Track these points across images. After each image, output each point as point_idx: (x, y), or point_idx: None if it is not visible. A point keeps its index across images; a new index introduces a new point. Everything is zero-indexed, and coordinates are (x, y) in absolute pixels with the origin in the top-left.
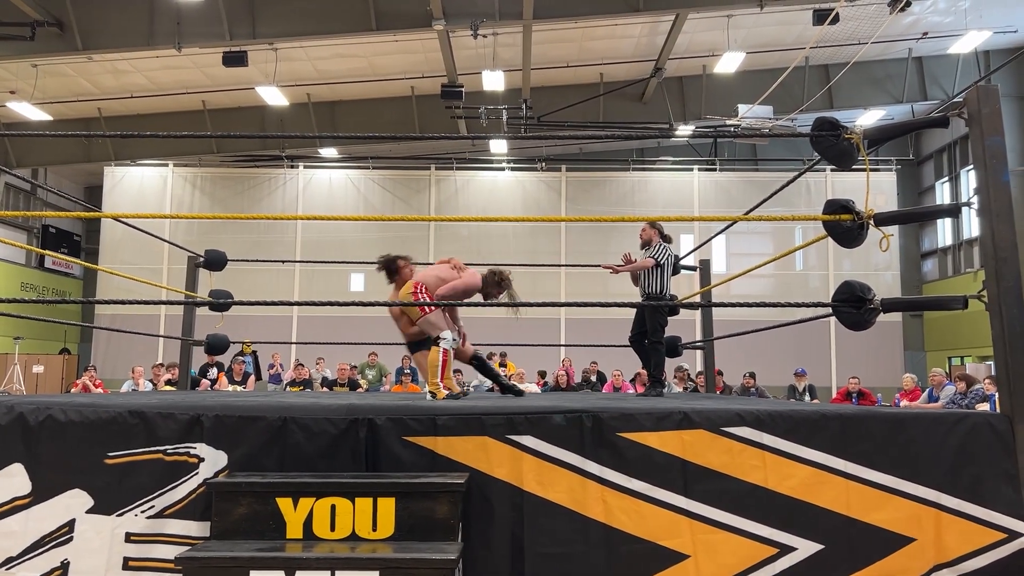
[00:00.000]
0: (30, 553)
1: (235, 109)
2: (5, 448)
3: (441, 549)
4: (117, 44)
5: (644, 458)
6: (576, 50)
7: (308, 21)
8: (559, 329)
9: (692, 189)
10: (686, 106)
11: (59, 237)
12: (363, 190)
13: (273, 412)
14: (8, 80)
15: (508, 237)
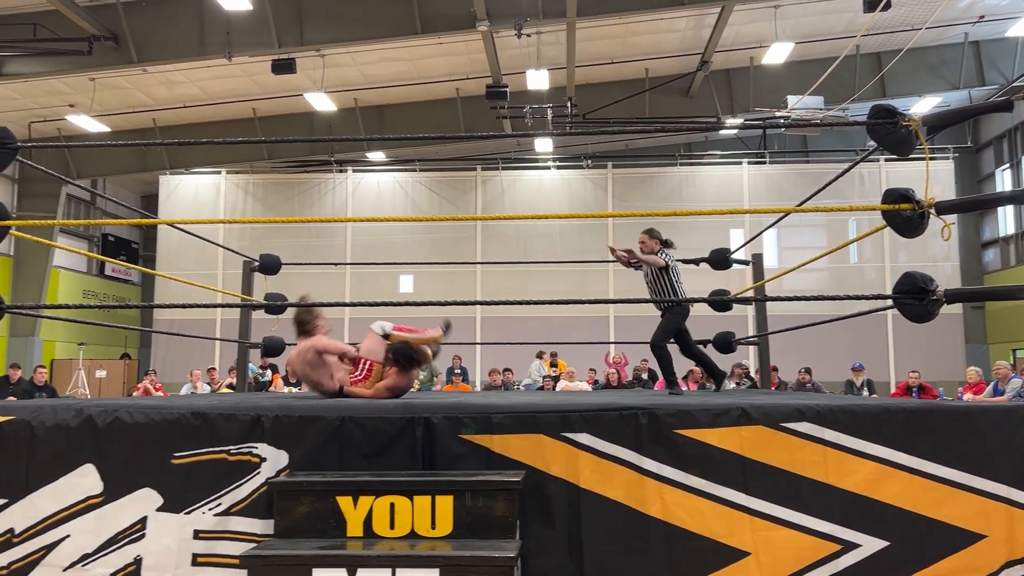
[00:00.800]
0: (104, 550)
1: (285, 116)
2: (76, 449)
3: (500, 547)
4: (170, 56)
5: (702, 455)
6: (620, 46)
7: (354, 26)
8: (608, 327)
9: (741, 183)
10: (734, 99)
11: (118, 245)
12: (410, 192)
13: (331, 412)
14: (67, 94)
15: (554, 236)
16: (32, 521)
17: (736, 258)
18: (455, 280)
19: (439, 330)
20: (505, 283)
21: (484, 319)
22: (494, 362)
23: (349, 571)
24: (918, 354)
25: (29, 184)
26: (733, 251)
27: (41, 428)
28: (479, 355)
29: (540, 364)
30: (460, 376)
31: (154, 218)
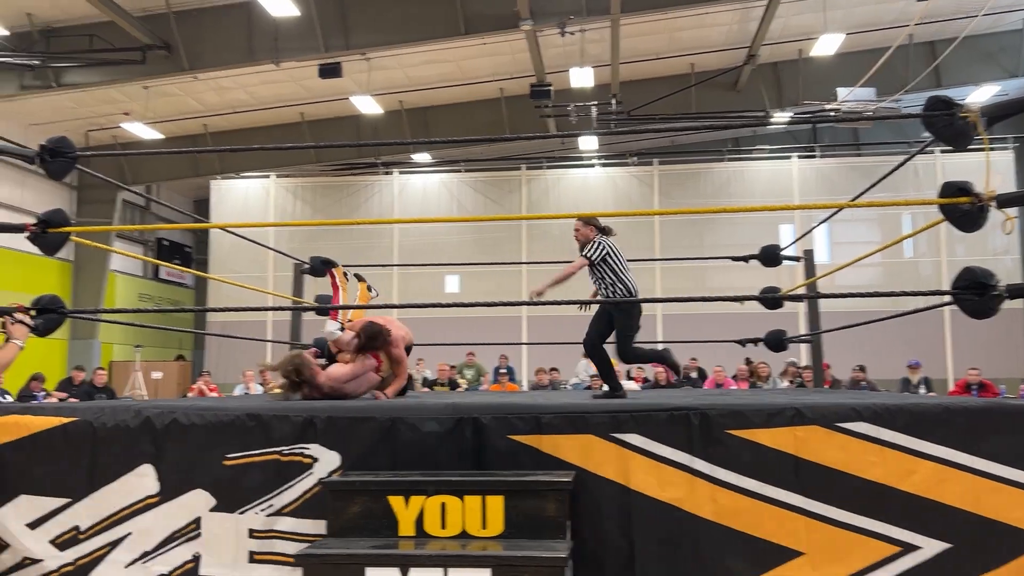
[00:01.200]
0: (164, 547)
1: (331, 119)
2: (136, 450)
3: (551, 547)
4: (220, 62)
5: (755, 456)
6: (665, 41)
7: (398, 29)
8: (656, 325)
9: (791, 177)
10: (782, 92)
11: (172, 249)
12: (456, 193)
13: (382, 413)
14: (122, 102)
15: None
16: (95, 519)
17: (787, 254)
18: (501, 279)
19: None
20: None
21: (530, 318)
22: (540, 361)
23: (402, 570)
24: (977, 350)
25: (87, 191)
26: (784, 247)
27: (103, 429)
28: (525, 355)
29: (587, 363)
30: (507, 375)
31: (206, 222)
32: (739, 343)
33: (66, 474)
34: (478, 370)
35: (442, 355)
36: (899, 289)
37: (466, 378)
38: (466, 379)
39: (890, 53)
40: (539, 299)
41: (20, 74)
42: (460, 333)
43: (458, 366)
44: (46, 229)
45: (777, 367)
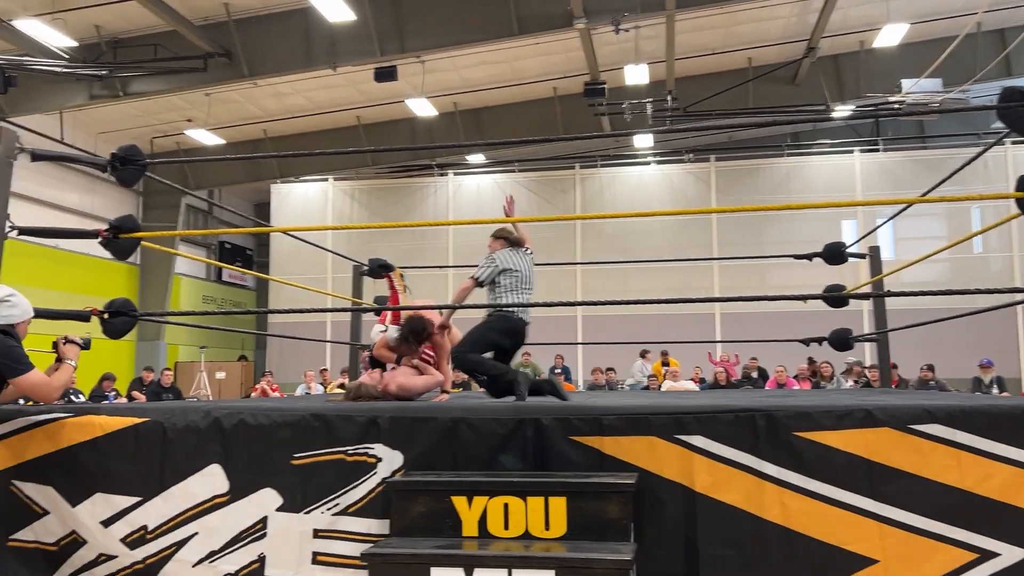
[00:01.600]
0: (230, 547)
1: (387, 122)
2: (205, 450)
3: (616, 549)
4: (279, 69)
5: (824, 458)
6: (722, 36)
7: (452, 31)
8: (714, 325)
9: (853, 172)
10: (843, 85)
11: (234, 252)
12: (509, 193)
13: (444, 413)
14: (185, 109)
15: (656, 232)
16: (164, 518)
17: (851, 252)
18: (556, 279)
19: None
20: (606, 281)
21: (585, 318)
22: (596, 361)
23: (466, 571)
24: None
25: (152, 196)
26: (849, 245)
27: (173, 430)
28: (580, 354)
29: (643, 364)
30: (562, 375)
31: (267, 226)
32: (803, 342)
33: (137, 473)
34: (534, 370)
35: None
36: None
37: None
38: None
39: (957, 42)
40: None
41: (89, 84)
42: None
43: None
44: (118, 235)
45: (839, 366)
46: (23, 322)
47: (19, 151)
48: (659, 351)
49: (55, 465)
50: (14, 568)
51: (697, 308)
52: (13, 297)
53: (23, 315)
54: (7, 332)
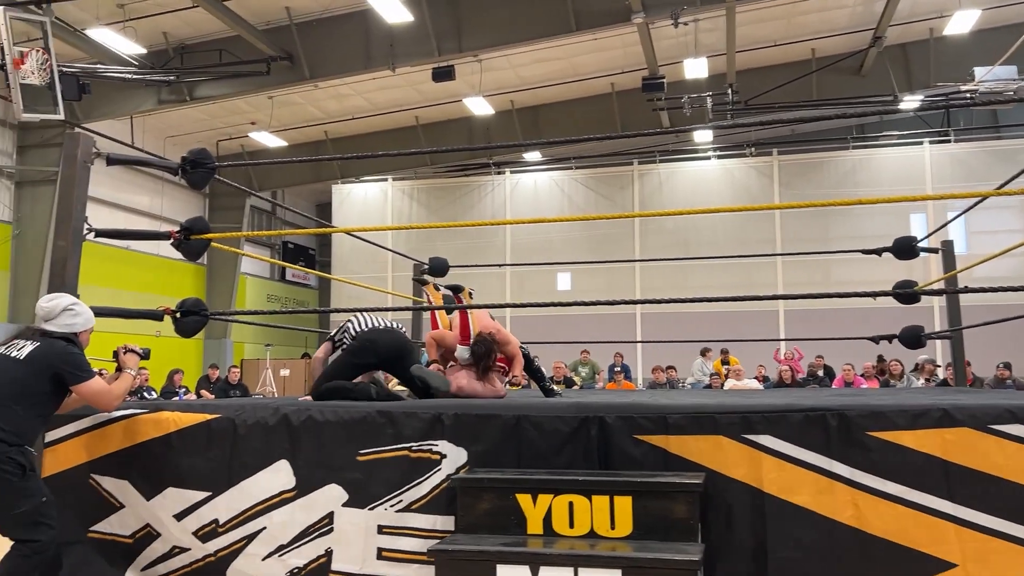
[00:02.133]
0: (298, 542)
1: (445, 122)
2: (273, 446)
3: (683, 550)
4: (339, 71)
5: (899, 459)
6: (784, 27)
7: (509, 29)
8: (778, 321)
9: (923, 164)
10: (912, 75)
11: (297, 252)
12: (567, 190)
13: (507, 411)
14: (249, 112)
15: (717, 228)
16: (234, 513)
17: (923, 246)
18: (614, 276)
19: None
20: (666, 278)
21: (644, 315)
22: (655, 359)
23: (532, 568)
24: None
25: (218, 198)
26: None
27: (243, 426)
28: (640, 352)
29: (703, 362)
30: (622, 373)
31: (329, 226)
32: (873, 340)
33: (208, 468)
34: (593, 368)
35: (556, 353)
36: None
37: (581, 376)
38: (580, 377)
39: None
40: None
41: (158, 90)
42: (573, 331)
43: (572, 364)
44: (189, 236)
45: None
46: (86, 331)
47: (96, 156)
48: (719, 349)
49: (131, 459)
50: (93, 558)
51: (760, 305)
52: (77, 306)
53: (85, 324)
54: (70, 340)
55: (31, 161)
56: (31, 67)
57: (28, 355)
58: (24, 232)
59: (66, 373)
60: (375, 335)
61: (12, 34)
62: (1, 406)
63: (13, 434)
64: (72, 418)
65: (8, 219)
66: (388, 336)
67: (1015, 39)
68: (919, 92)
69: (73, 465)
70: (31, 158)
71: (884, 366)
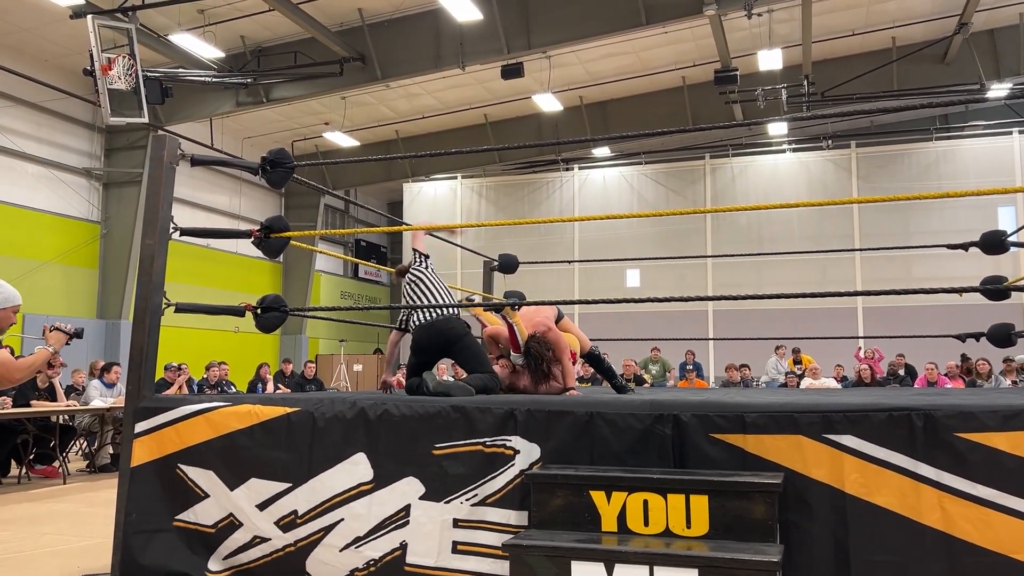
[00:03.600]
0: (374, 534)
1: (513, 119)
2: (351, 439)
3: (761, 551)
4: (410, 71)
5: (990, 461)
6: (863, 16)
7: (579, 25)
8: (856, 319)
9: (1012, 155)
10: (1000, 62)
11: (369, 249)
12: (636, 186)
13: (580, 408)
14: (323, 113)
15: (792, 222)
16: (313, 504)
17: (1013, 240)
18: (684, 272)
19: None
20: (739, 274)
21: (716, 312)
22: (728, 357)
23: (607, 566)
24: None
25: (293, 197)
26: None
27: (322, 419)
28: (712, 350)
29: (777, 360)
30: (694, 371)
31: (401, 223)
32: (959, 338)
33: (288, 460)
34: (664, 366)
35: (626, 351)
36: None
37: (651, 374)
38: (651, 375)
39: None
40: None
41: (236, 92)
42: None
43: (642, 361)
44: (269, 234)
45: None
46: (3, 309)
47: (181, 157)
48: (790, 348)
49: (215, 451)
50: (177, 546)
51: (837, 302)
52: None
53: (4, 303)
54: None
55: (118, 163)
56: (118, 72)
57: None
58: (111, 232)
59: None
60: (419, 332)
61: (100, 41)
62: None
63: None
64: (160, 410)
65: (97, 219)
66: (429, 331)
67: None
68: (1008, 80)
69: (162, 455)
70: (118, 160)
71: (970, 365)
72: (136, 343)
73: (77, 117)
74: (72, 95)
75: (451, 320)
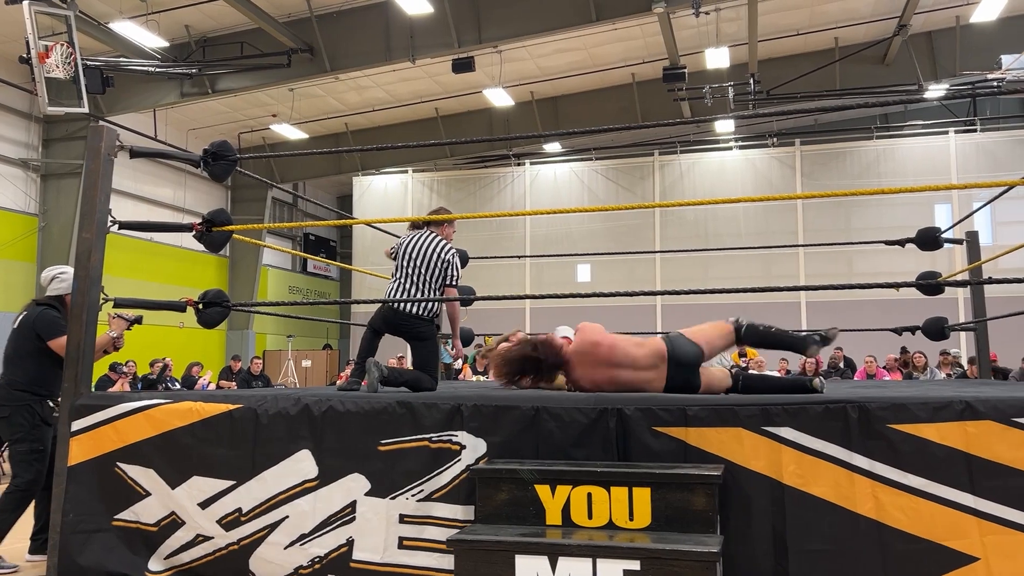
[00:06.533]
0: (320, 531)
1: (464, 113)
2: (295, 436)
3: (702, 541)
4: (360, 63)
5: (921, 452)
6: (807, 16)
7: (529, 20)
8: (800, 313)
9: (948, 154)
10: (937, 63)
11: (318, 243)
12: (587, 181)
13: (526, 402)
14: (270, 105)
15: (738, 218)
16: (257, 501)
17: (947, 237)
18: (634, 267)
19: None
20: (686, 269)
21: (664, 307)
22: None
23: (551, 559)
24: None
25: (240, 190)
26: (944, 229)
27: (265, 416)
28: None
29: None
30: None
31: (350, 218)
32: (896, 331)
33: (232, 458)
34: None
35: None
36: None
37: None
38: None
39: None
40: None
41: (180, 83)
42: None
43: None
44: (211, 228)
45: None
46: (70, 294)
47: (119, 148)
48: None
49: (156, 449)
50: (116, 546)
51: (782, 296)
52: (63, 273)
53: (69, 288)
54: (53, 305)
55: (56, 154)
56: (56, 61)
57: (20, 322)
58: (50, 225)
59: (40, 330)
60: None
61: (37, 28)
62: (14, 366)
63: (33, 385)
64: (98, 408)
65: (34, 212)
66: (382, 311)
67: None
68: (945, 81)
69: (100, 454)
70: (56, 151)
71: (907, 358)
72: (72, 339)
73: (13, 106)
74: (8, 83)
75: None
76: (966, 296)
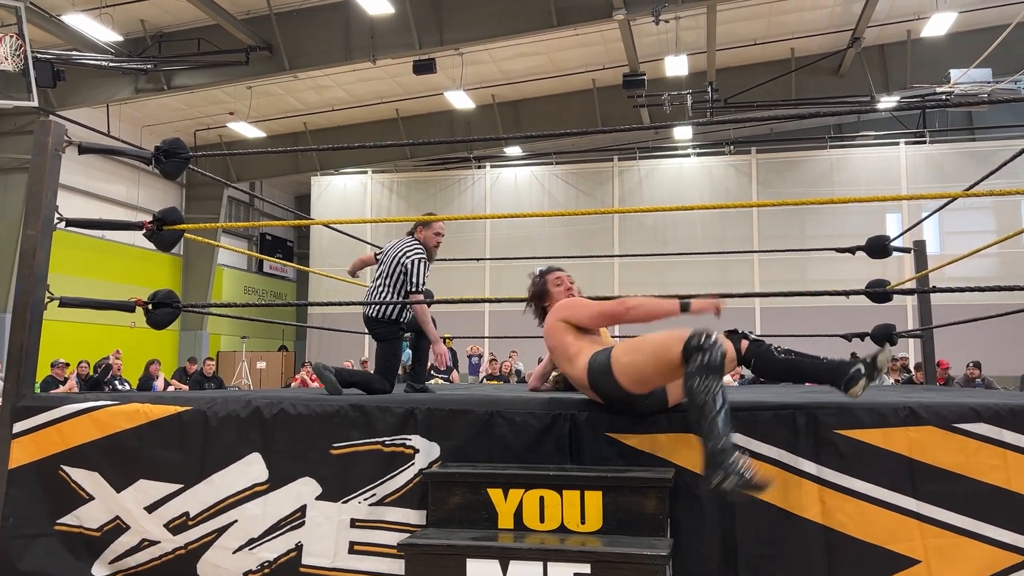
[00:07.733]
0: (269, 535)
1: (425, 115)
2: (246, 439)
3: (652, 545)
4: (319, 62)
5: (866, 457)
6: (764, 26)
7: (491, 23)
8: (754, 319)
9: (899, 165)
10: (889, 76)
11: (275, 244)
12: (547, 185)
13: (480, 406)
14: (227, 103)
15: (695, 224)
16: (205, 505)
17: (896, 246)
18: (593, 272)
19: None
20: (645, 274)
21: None
22: None
23: (502, 563)
24: None
25: (195, 189)
26: (893, 238)
27: (215, 418)
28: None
29: None
30: None
31: (307, 218)
32: (845, 337)
33: (180, 461)
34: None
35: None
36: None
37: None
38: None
39: (1009, 31)
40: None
41: (135, 78)
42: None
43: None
44: (162, 227)
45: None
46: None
47: (67, 144)
48: None
49: (101, 451)
50: (58, 551)
51: (736, 302)
52: None
53: None
54: None
55: (4, 148)
56: (4, 53)
57: None
58: None
59: None
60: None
61: None
62: None
63: None
64: (41, 409)
65: None
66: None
67: (990, 42)
68: (896, 93)
69: (43, 456)
70: (4, 146)
71: None
72: (15, 339)
73: None
74: None
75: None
76: (915, 304)
